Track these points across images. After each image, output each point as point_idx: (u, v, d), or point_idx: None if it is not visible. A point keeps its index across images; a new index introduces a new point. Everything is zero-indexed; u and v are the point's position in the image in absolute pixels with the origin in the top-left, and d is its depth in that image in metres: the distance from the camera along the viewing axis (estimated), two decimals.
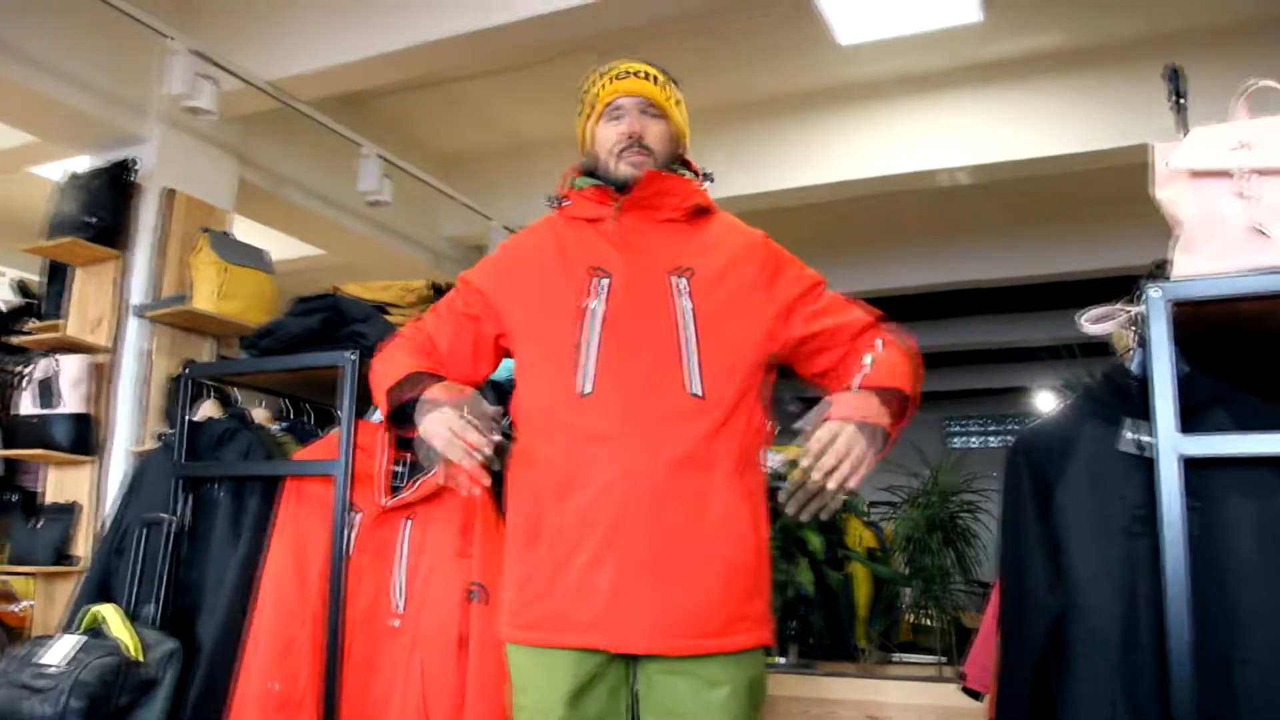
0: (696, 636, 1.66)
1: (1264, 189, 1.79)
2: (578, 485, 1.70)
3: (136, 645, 2.54)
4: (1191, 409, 1.80)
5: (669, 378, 1.72)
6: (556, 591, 1.69)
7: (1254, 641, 1.68)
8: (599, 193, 1.88)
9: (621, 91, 1.89)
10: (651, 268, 1.81)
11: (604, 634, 1.66)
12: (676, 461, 1.68)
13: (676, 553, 1.66)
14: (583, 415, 1.71)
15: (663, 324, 1.76)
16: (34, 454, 3.99)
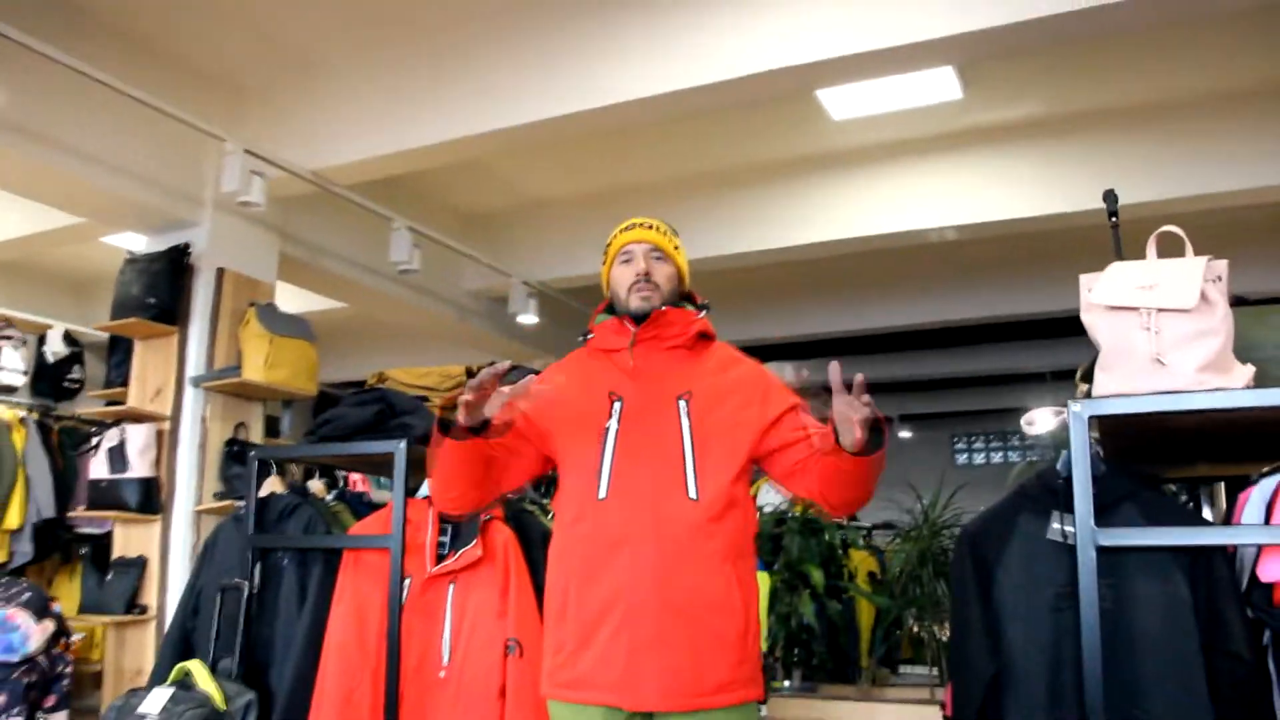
0: (697, 696, 2.05)
1: (1164, 324, 2.17)
2: (597, 575, 2.09)
3: (220, 697, 2.93)
4: (1106, 504, 2.19)
5: (672, 484, 2.11)
6: (582, 660, 2.08)
7: (1154, 701, 2.06)
8: (617, 323, 2.27)
9: (631, 240, 2.28)
10: (660, 392, 2.19)
11: (623, 696, 2.05)
12: (677, 556, 2.07)
13: (678, 631, 2.05)
14: (601, 516, 2.12)
15: (668, 440, 2.14)
16: (108, 514, 4.41)
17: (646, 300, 2.23)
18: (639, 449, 2.14)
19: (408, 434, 3.02)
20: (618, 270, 2.29)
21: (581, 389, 2.24)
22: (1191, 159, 4.94)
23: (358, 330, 7.23)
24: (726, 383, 2.23)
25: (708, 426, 2.16)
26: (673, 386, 2.20)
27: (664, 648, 2.03)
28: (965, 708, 2.21)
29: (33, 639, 3.81)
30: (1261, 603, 2.16)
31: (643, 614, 2.04)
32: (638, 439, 2.15)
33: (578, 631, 2.10)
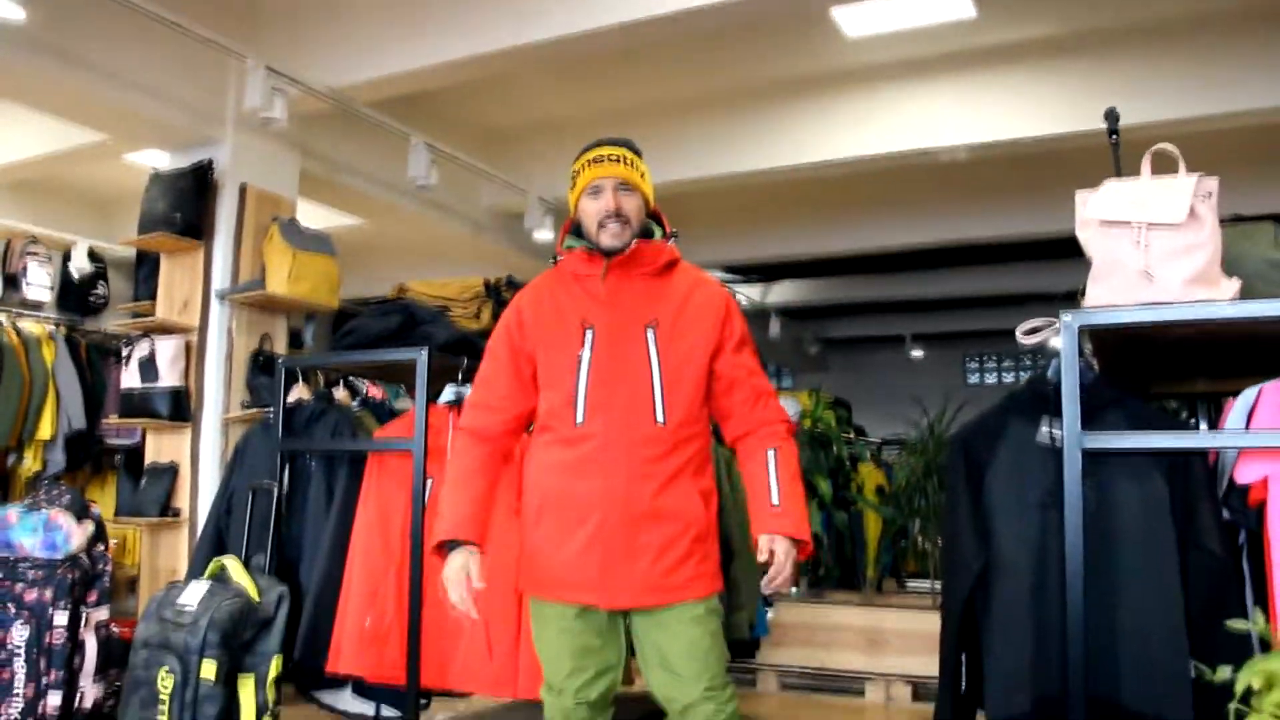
0: (665, 593, 2.24)
1: (1154, 239, 2.26)
2: (573, 492, 2.27)
3: (254, 589, 3.11)
4: (1094, 409, 2.31)
5: (642, 410, 2.26)
6: (559, 565, 2.28)
7: (1131, 592, 2.21)
8: (587, 255, 2.36)
9: (599, 175, 2.33)
10: (629, 321, 2.31)
11: (599, 596, 2.25)
12: (645, 475, 2.24)
13: (645, 540, 2.23)
14: (577, 439, 2.27)
15: (638, 368, 2.28)
16: (140, 422, 4.59)
17: (616, 238, 2.31)
18: (611, 377, 2.27)
19: (429, 342, 3.15)
20: (586, 202, 2.35)
21: (555, 316, 2.36)
22: (1202, 80, 4.94)
23: (377, 247, 7.34)
24: (692, 309, 2.34)
25: (674, 354, 2.29)
26: (641, 315, 2.31)
27: (633, 555, 2.22)
28: (953, 598, 2.36)
29: (74, 538, 4.00)
30: (1237, 505, 2.28)
31: (614, 527, 2.22)
32: (609, 367, 2.28)
33: (554, 540, 2.29)
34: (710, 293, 2.39)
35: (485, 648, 2.99)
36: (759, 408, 2.36)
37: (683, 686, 2.23)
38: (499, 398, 2.39)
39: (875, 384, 12.38)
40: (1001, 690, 2.28)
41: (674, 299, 2.33)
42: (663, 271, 2.36)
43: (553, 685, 2.34)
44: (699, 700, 2.22)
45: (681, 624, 2.24)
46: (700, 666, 2.24)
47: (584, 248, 2.35)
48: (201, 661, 2.94)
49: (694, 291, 2.37)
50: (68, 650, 3.91)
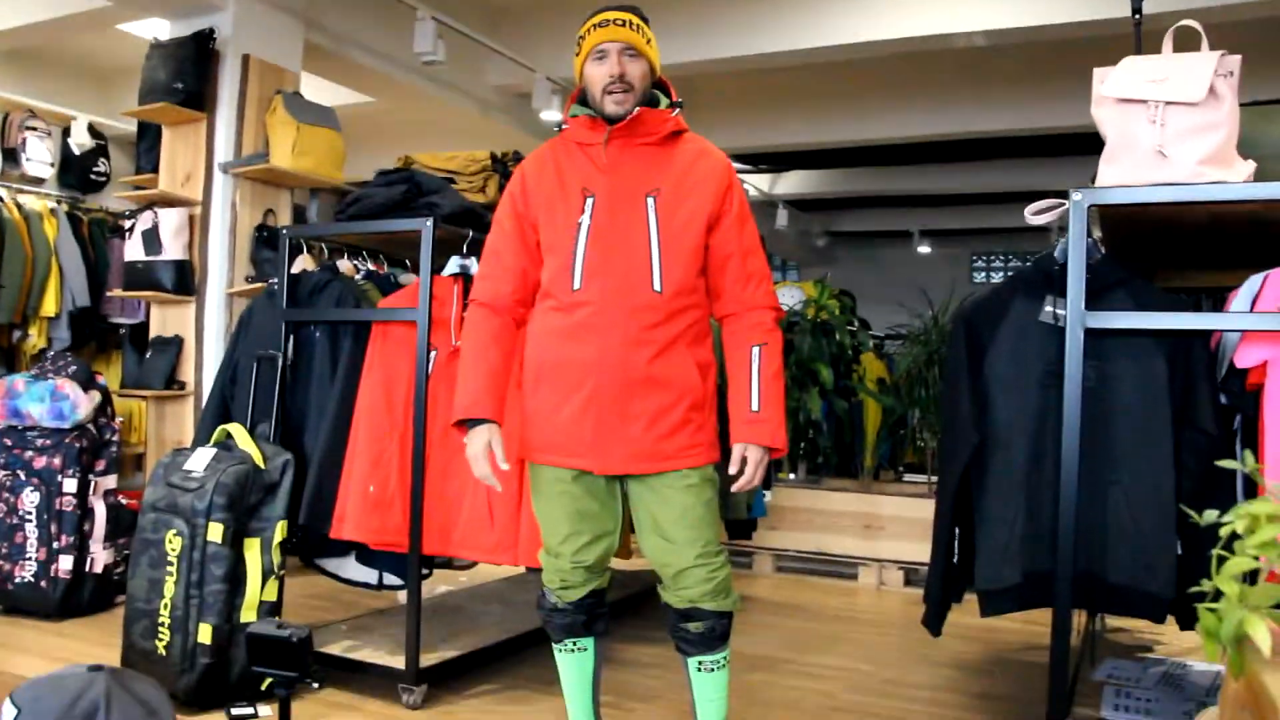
0: (659, 460, 2.28)
1: (1170, 117, 2.23)
2: (569, 357, 2.28)
3: (260, 456, 3.16)
4: (1099, 289, 2.31)
5: (639, 278, 2.26)
6: (555, 429, 2.31)
7: (1124, 470, 2.24)
8: (589, 121, 2.33)
9: (605, 38, 2.29)
10: (630, 189, 2.29)
11: (593, 461, 2.29)
12: (641, 342, 2.25)
13: (640, 405, 2.26)
14: (575, 305, 2.28)
15: (637, 236, 2.27)
16: (144, 295, 4.59)
17: (620, 105, 2.28)
18: (609, 244, 2.26)
19: (434, 212, 3.13)
20: (591, 67, 2.31)
21: (557, 183, 2.34)
22: None
23: (382, 126, 7.24)
24: (694, 178, 2.32)
25: (674, 223, 2.28)
26: (643, 183, 2.29)
27: (626, 420, 2.26)
28: (950, 472, 2.39)
29: (81, 407, 4.06)
30: (1235, 389, 2.30)
31: (608, 392, 2.25)
32: (608, 234, 2.27)
33: (550, 405, 2.32)
34: (713, 163, 2.36)
35: (487, 515, 3.05)
36: (750, 289, 2.35)
37: (676, 552, 2.28)
38: (506, 268, 2.40)
39: (881, 279, 12.31)
40: (992, 562, 2.33)
41: (676, 168, 2.31)
42: (666, 140, 2.34)
43: (550, 548, 2.40)
44: (692, 565, 2.28)
45: (675, 491, 2.28)
46: (693, 533, 2.28)
47: (587, 115, 2.33)
48: (208, 524, 2.99)
49: (697, 161, 2.34)
50: (78, 516, 4.00)
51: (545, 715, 3.02)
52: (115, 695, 1.31)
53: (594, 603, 2.43)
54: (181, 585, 2.98)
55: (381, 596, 4.05)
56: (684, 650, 2.35)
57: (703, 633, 2.31)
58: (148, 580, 3.04)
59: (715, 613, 2.30)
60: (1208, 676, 3.01)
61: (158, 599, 3.00)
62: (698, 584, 2.28)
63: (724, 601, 2.31)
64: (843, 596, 4.97)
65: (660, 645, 3.78)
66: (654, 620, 4.07)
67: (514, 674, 3.42)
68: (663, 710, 3.10)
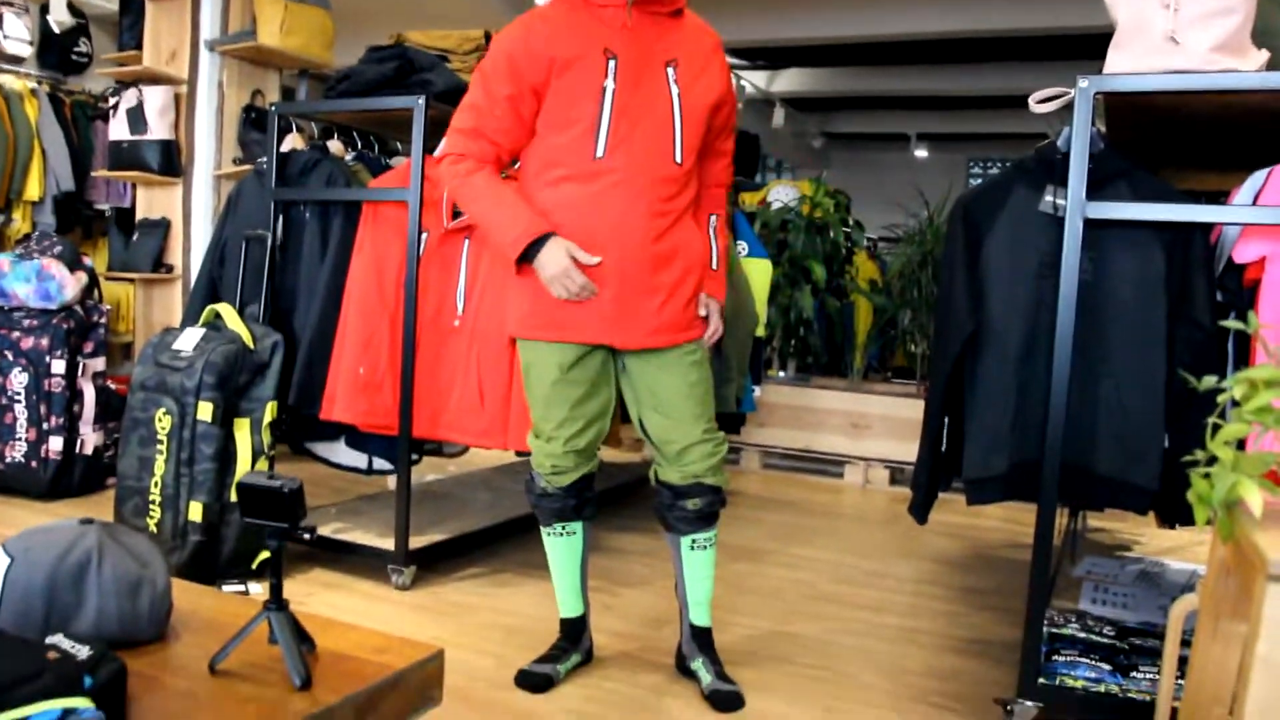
0: (676, 331, 2.29)
1: (1184, 2, 2.16)
2: (589, 228, 2.21)
3: (249, 336, 3.14)
4: (1100, 180, 2.27)
5: (662, 148, 2.22)
6: (569, 306, 2.24)
7: (1117, 362, 2.23)
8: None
9: None
10: (651, 57, 2.23)
11: (614, 335, 2.25)
12: (662, 213, 2.23)
13: (662, 280, 2.25)
14: (596, 173, 2.21)
15: (660, 105, 2.22)
16: (129, 175, 4.51)
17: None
18: (634, 112, 2.20)
19: (427, 90, 3.05)
20: None
21: (573, 43, 2.22)
22: None
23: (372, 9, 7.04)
24: (703, 54, 2.30)
25: (691, 96, 2.25)
26: (661, 52, 2.24)
27: (649, 292, 2.24)
28: (942, 359, 2.39)
29: (68, 288, 4.02)
30: (1233, 284, 2.28)
31: (633, 264, 2.22)
32: (632, 101, 2.21)
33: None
34: (715, 42, 2.36)
35: (477, 398, 3.05)
36: (720, 165, 2.46)
37: (681, 428, 2.30)
38: (494, 130, 2.28)
39: (877, 183, 12.20)
40: (980, 451, 2.34)
41: (688, 42, 2.28)
42: (676, 14, 2.30)
43: (542, 432, 2.38)
44: (698, 440, 2.30)
45: (682, 366, 2.30)
46: (700, 408, 2.31)
47: None
48: (198, 403, 2.99)
49: (703, 38, 2.33)
50: (67, 397, 4.00)
51: (533, 597, 3.07)
52: (107, 546, 1.31)
53: (583, 487, 2.44)
54: (172, 463, 2.98)
55: (371, 482, 4.08)
56: (678, 529, 2.37)
57: (700, 509, 2.34)
58: (138, 458, 3.04)
59: (713, 488, 2.34)
60: (1183, 574, 3.06)
61: (148, 477, 3.01)
62: (702, 459, 2.31)
63: (720, 477, 2.36)
64: (828, 493, 5.02)
65: (646, 534, 3.83)
66: (641, 510, 4.12)
67: (501, 558, 3.47)
68: (650, 594, 3.15)
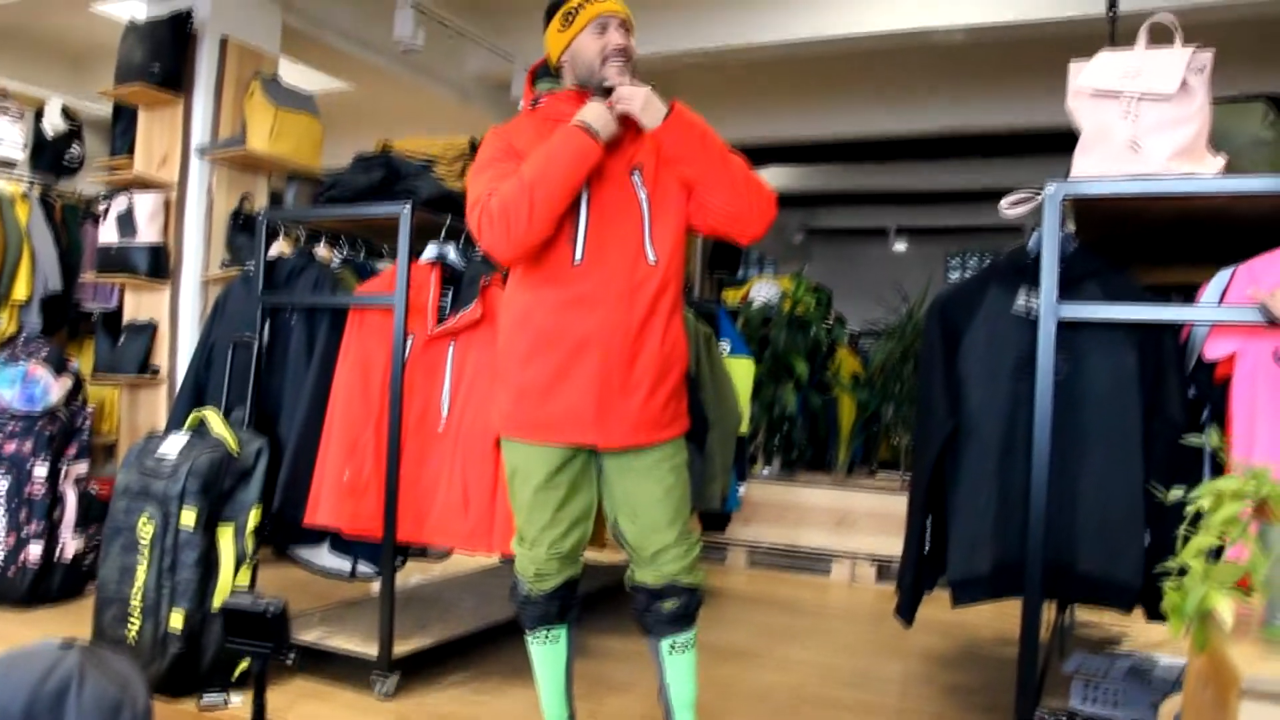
0: (657, 430, 2.30)
1: (1144, 111, 2.25)
2: (570, 331, 2.26)
3: (234, 441, 3.14)
4: (1072, 280, 2.33)
5: (635, 250, 2.27)
6: (553, 404, 2.28)
7: (1094, 460, 2.26)
8: (578, 96, 2.32)
9: (607, 10, 2.30)
10: (616, 164, 2.30)
11: (598, 435, 2.27)
12: (642, 314, 2.27)
13: (642, 377, 2.27)
14: (577, 278, 2.26)
15: (629, 209, 2.28)
16: (118, 278, 4.56)
17: (623, 74, 2.28)
18: (606, 218, 2.27)
19: (413, 197, 3.12)
20: (588, 39, 2.29)
21: None
22: None
23: (361, 113, 7.20)
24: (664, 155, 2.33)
25: (657, 196, 2.30)
26: (626, 159, 2.31)
27: (629, 390, 2.26)
28: (923, 461, 2.41)
29: (53, 392, 4.03)
30: (1204, 380, 2.33)
31: (613, 362, 2.25)
32: (604, 208, 2.27)
33: (548, 378, 2.28)
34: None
35: (461, 502, 3.05)
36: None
37: (656, 535, 2.31)
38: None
39: (857, 276, 12.37)
40: (963, 551, 2.35)
41: (648, 146, 2.32)
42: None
43: (526, 537, 2.38)
44: (672, 543, 2.30)
45: (659, 471, 2.31)
46: (675, 513, 2.32)
47: (573, 90, 2.33)
48: (181, 509, 2.98)
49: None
50: (47, 503, 3.97)
51: (518, 705, 3.03)
52: (88, 672, 1.30)
53: (567, 592, 2.43)
54: (153, 571, 2.96)
55: (355, 587, 4.04)
56: (656, 631, 2.36)
57: (676, 610, 2.33)
58: (119, 566, 3.01)
59: (689, 588, 2.34)
60: (1174, 670, 3.04)
61: (129, 585, 2.98)
62: (676, 559, 2.31)
63: (697, 576, 2.35)
64: (815, 590, 4.99)
65: (632, 637, 3.78)
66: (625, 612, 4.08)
67: (487, 663, 3.42)
68: (635, 700, 3.11)
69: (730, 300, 5.81)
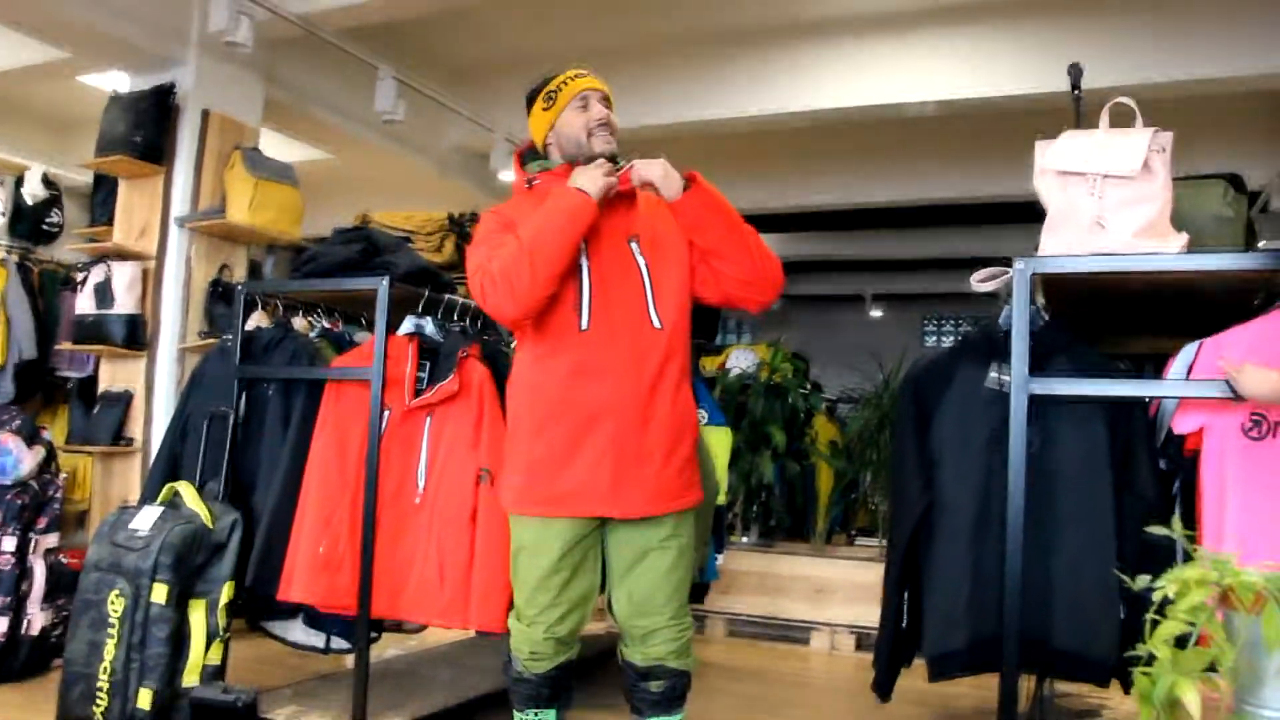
0: (673, 499, 2.30)
1: (1108, 190, 2.31)
2: (580, 399, 2.27)
3: (208, 515, 3.12)
4: (1043, 355, 2.36)
5: (640, 315, 2.30)
6: (566, 476, 2.26)
7: (1067, 534, 2.28)
8: (569, 172, 2.36)
9: (587, 87, 2.40)
10: (613, 234, 2.34)
11: (613, 505, 2.26)
12: (651, 379, 2.28)
13: (655, 444, 2.27)
14: (583, 346, 2.28)
15: (631, 276, 2.32)
16: (94, 349, 4.54)
17: (608, 143, 2.38)
18: (609, 284, 2.30)
19: (390, 272, 3.14)
20: (572, 115, 2.38)
21: None
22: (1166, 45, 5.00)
23: (340, 182, 7.27)
24: (661, 223, 2.40)
25: (657, 263, 2.35)
26: (622, 229, 2.36)
27: (646, 461, 2.26)
28: (898, 536, 2.42)
29: (24, 463, 3.98)
30: (1174, 454, 2.36)
31: (629, 430, 2.25)
32: (607, 276, 2.31)
33: (560, 450, 2.27)
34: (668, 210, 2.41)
35: (437, 576, 3.02)
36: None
37: (650, 616, 2.30)
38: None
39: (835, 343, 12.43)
40: (939, 626, 2.35)
41: (644, 217, 2.38)
42: (629, 195, 2.41)
43: (524, 615, 2.35)
44: (665, 625, 2.29)
45: (667, 545, 2.30)
46: (671, 592, 2.31)
47: (566, 165, 2.38)
48: (153, 584, 2.95)
49: (657, 209, 2.41)
50: (15, 576, 3.90)
51: None
52: None
53: (560, 676, 2.41)
54: (122, 648, 2.91)
55: (329, 660, 3.98)
56: (641, 711, 2.34)
57: (663, 692, 2.31)
58: (87, 643, 2.97)
59: (677, 671, 2.32)
60: None
61: (97, 662, 2.93)
62: (666, 642, 2.30)
63: (687, 660, 2.33)
64: (795, 661, 4.95)
65: (618, 714, 3.74)
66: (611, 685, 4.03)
67: None
68: None
69: (708, 368, 5.84)
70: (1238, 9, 4.91)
